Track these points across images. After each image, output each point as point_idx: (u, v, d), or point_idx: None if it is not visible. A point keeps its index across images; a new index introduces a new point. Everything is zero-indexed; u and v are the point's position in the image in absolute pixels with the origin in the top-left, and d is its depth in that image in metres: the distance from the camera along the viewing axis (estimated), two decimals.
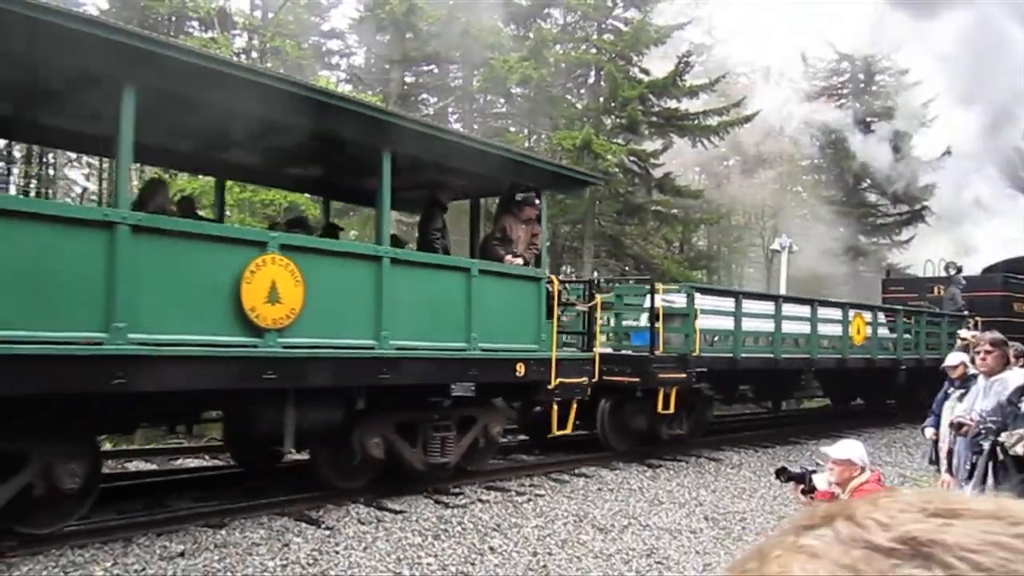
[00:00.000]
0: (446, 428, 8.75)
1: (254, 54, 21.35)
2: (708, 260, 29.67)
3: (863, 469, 5.05)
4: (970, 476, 5.54)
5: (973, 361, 6.51)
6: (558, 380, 9.50)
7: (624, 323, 12.34)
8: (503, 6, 22.57)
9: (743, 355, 12.58)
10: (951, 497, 0.60)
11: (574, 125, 21.86)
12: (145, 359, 6.09)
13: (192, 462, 10.32)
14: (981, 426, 5.46)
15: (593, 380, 10.21)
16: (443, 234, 9.11)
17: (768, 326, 13.26)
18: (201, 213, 9.32)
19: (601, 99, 23.34)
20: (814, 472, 5.07)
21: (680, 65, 22.16)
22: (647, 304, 11.57)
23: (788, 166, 29.43)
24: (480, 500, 8.67)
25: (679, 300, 11.95)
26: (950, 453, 6.31)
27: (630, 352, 11.74)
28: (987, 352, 5.82)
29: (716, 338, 12.62)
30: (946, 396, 7.84)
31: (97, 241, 5.87)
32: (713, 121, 23.49)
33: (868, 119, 30.45)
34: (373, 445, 8.06)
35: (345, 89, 22.72)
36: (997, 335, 5.97)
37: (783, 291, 19.14)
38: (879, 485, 4.98)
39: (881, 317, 16.66)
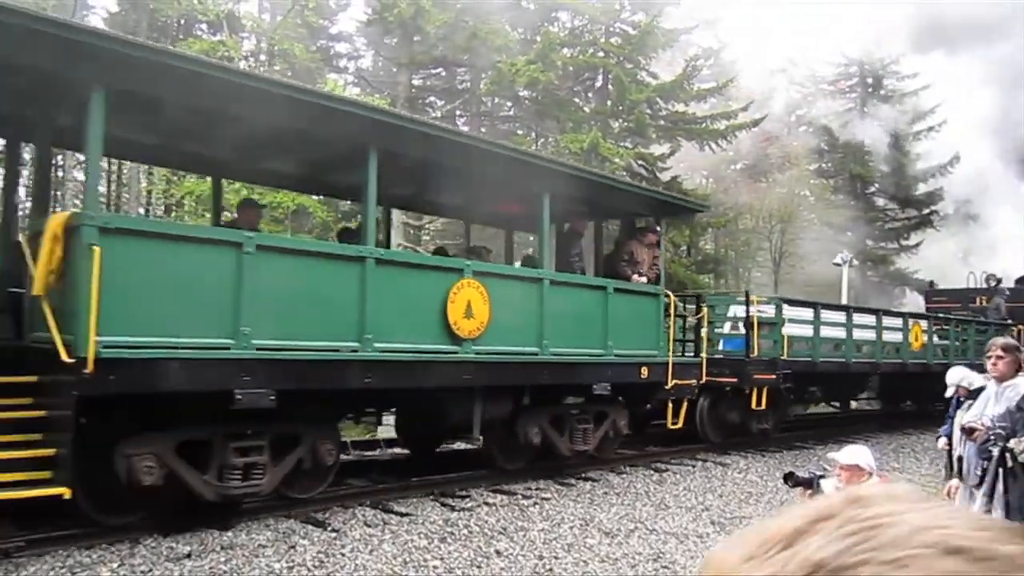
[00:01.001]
0: (586, 421, 10.36)
1: (262, 57, 21.41)
2: (715, 264, 29.61)
3: (870, 475, 5.03)
4: (980, 482, 5.51)
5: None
6: (673, 381, 11.00)
7: (716, 330, 13.89)
8: (511, 9, 22.60)
9: (821, 359, 14.26)
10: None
11: (581, 128, 21.86)
12: (387, 363, 7.82)
13: None
14: (991, 432, 5.43)
15: (700, 381, 11.78)
16: (580, 257, 10.92)
17: (840, 333, 14.98)
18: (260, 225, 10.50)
19: (608, 102, 23.35)
20: (822, 477, 5.05)
21: (688, 69, 22.15)
22: (740, 314, 13.41)
23: (796, 170, 29.36)
24: (486, 503, 8.66)
25: (768, 310, 13.61)
26: (960, 459, 6.27)
27: (721, 356, 13.35)
28: (998, 357, 5.79)
29: (798, 344, 14.31)
30: (959, 403, 7.77)
31: (353, 272, 7.63)
32: (721, 125, 23.46)
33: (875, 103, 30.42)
34: (533, 434, 9.70)
35: (353, 92, 22.77)
36: (1009, 340, 5.94)
37: (844, 301, 21.25)
38: None
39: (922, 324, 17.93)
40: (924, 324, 17.35)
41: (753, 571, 0.58)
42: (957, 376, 7.68)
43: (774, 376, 12.94)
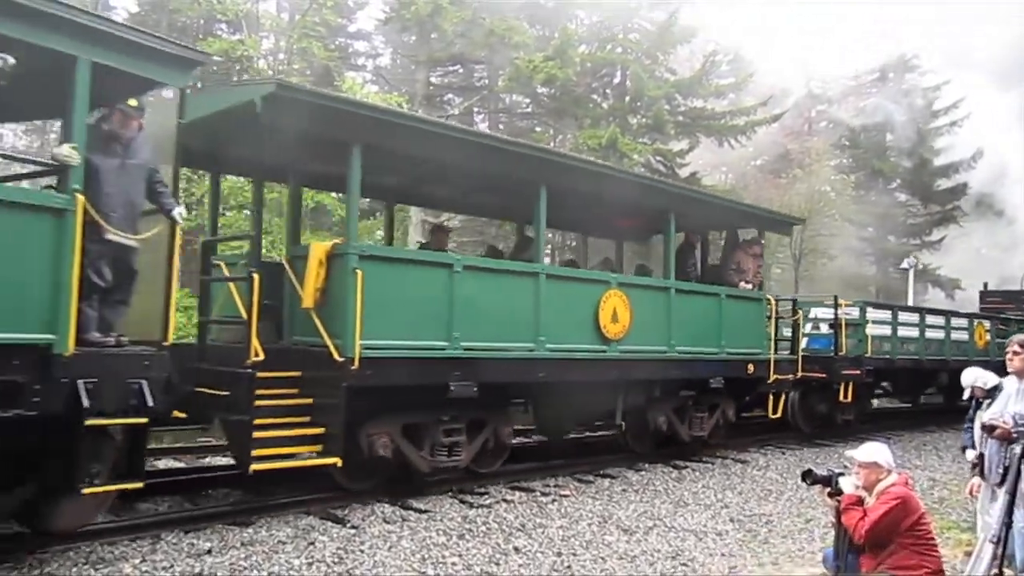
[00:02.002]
0: (701, 411, 11.85)
1: (281, 55, 21.50)
2: None
3: (889, 472, 4.99)
4: (1002, 480, 5.45)
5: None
6: (774, 376, 12.57)
7: (807, 330, 15.17)
8: (528, 7, 22.56)
9: (899, 356, 16.03)
10: None
11: (599, 125, 21.80)
12: (555, 361, 9.40)
13: (221, 460, 10.40)
14: (1014, 429, 5.38)
15: (796, 376, 13.34)
16: (695, 267, 12.51)
17: (913, 333, 16.69)
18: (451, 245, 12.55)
19: (627, 98, 23.27)
20: (841, 475, 5.01)
21: (706, 64, 22.04)
22: (821, 315, 15.33)
23: (817, 166, 29.11)
24: (505, 500, 8.67)
25: (853, 312, 15.34)
26: (981, 456, 6.21)
27: (806, 353, 14.42)
28: (1015, 353, 5.75)
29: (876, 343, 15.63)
30: (978, 405, 7.65)
31: (529, 285, 9.26)
32: (740, 121, 23.32)
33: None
34: (661, 422, 11.19)
35: (371, 90, 22.81)
36: None
37: (910, 303, 23.19)
38: (906, 487, 4.91)
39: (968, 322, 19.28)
40: (987, 324, 19.06)
41: None
42: (971, 377, 7.55)
43: (859, 372, 14.67)
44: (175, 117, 6.54)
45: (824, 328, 15.29)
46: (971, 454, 7.08)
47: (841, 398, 14.46)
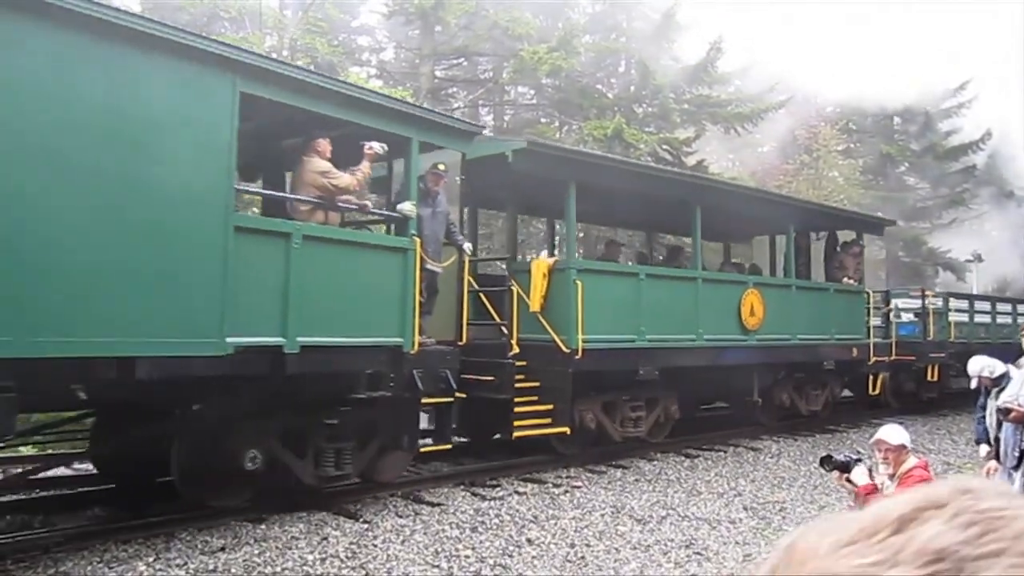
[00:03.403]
0: (815, 389, 14.20)
1: (284, 52, 21.46)
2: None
3: (909, 454, 4.93)
4: (1018, 463, 5.41)
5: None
6: (874, 358, 14.83)
7: (896, 319, 17.04)
8: None
9: (975, 341, 17.59)
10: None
11: (605, 115, 21.71)
12: (710, 349, 11.62)
13: None
14: None
15: (891, 358, 15.49)
16: (806, 265, 14.70)
17: (987, 319, 19.03)
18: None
19: (632, 88, 23.16)
20: (859, 460, 4.95)
21: (711, 52, 21.91)
22: (903, 305, 17.25)
23: (823, 150, 28.91)
24: (517, 492, 8.67)
25: (937, 302, 17.73)
26: (997, 440, 6.16)
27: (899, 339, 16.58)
28: None
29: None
30: (987, 393, 7.57)
31: (689, 288, 11.56)
32: (746, 108, 23.19)
33: None
34: (784, 398, 13.49)
35: (376, 85, 22.76)
36: None
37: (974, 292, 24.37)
38: (926, 471, 4.85)
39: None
40: None
41: (858, 558, 0.54)
42: (978, 366, 7.46)
43: (944, 354, 16.74)
44: (459, 172, 9.04)
45: (906, 316, 17.19)
46: (984, 449, 6.99)
47: (928, 378, 16.55)
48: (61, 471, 9.20)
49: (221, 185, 6.29)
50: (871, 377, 15.12)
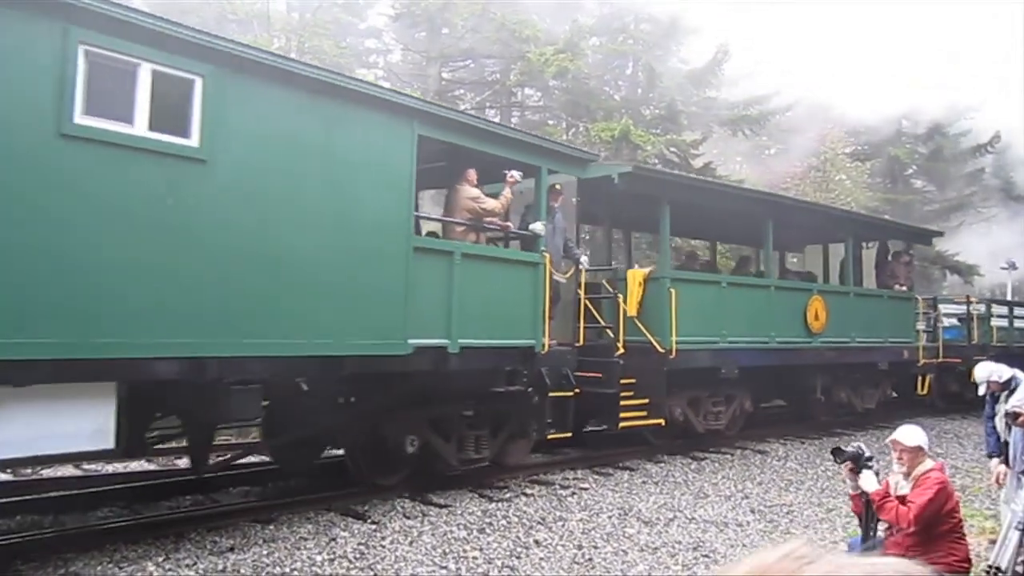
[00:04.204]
0: (870, 387, 15.25)
1: (293, 54, 21.52)
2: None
3: (927, 456, 4.90)
4: None
5: None
6: (923, 360, 16.01)
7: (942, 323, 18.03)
8: None
9: (1014, 344, 18.62)
10: None
11: (612, 117, 21.71)
12: (782, 350, 12.76)
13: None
14: None
15: (938, 360, 16.46)
16: (859, 272, 15.89)
17: None
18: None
19: (639, 90, 23.16)
20: (870, 458, 4.92)
21: (718, 54, 21.90)
22: (955, 311, 18.58)
23: (831, 153, 28.87)
24: (524, 494, 8.68)
25: (980, 308, 18.68)
26: (1005, 444, 6.14)
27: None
28: None
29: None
30: (995, 399, 7.54)
31: (763, 294, 12.85)
32: (753, 111, 23.17)
33: None
34: (843, 396, 14.57)
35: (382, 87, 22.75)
36: None
37: (1009, 297, 25.96)
38: (942, 474, 4.83)
39: None
40: None
41: None
42: (985, 372, 7.43)
43: (986, 357, 16.74)
44: (575, 194, 10.70)
45: (950, 321, 18.30)
46: (995, 463, 6.88)
47: (971, 380, 16.83)
48: (69, 471, 9.24)
49: (404, 213, 7.52)
50: (920, 378, 16.10)
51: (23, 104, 5.19)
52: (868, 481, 4.87)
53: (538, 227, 8.94)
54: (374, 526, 7.21)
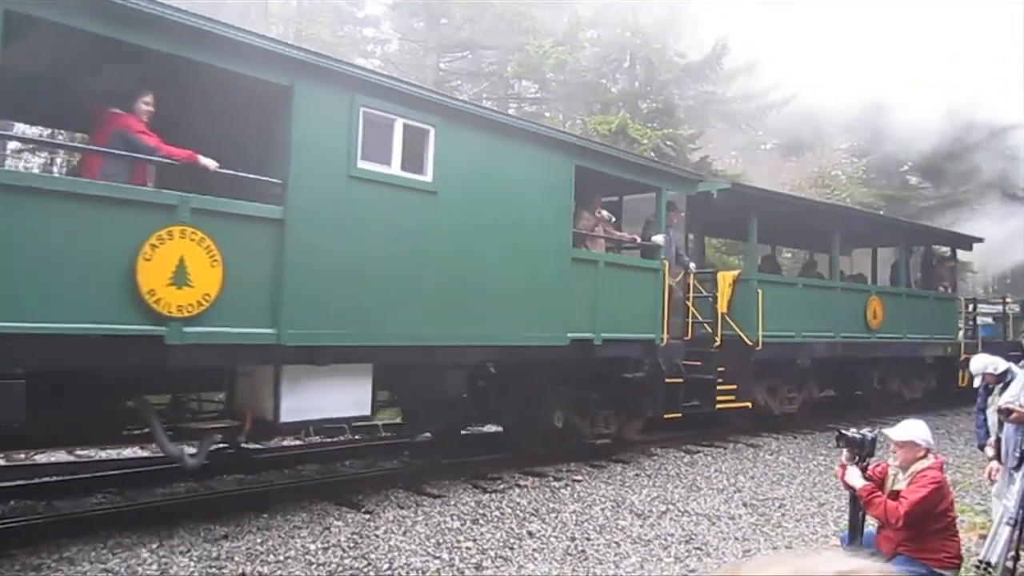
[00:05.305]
0: (917, 379, 16.87)
1: (290, 41, 21.47)
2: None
3: (927, 452, 4.86)
4: (1019, 465, 5.43)
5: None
6: (964, 356, 16.36)
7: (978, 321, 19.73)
8: None
9: None
10: None
11: (609, 110, 21.68)
12: (846, 344, 14.40)
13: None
14: None
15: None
16: (908, 275, 17.11)
17: None
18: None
19: (637, 83, 23.13)
20: (871, 451, 4.90)
21: (716, 48, 21.87)
22: (990, 310, 20.53)
23: (827, 148, 28.94)
24: (518, 485, 8.70)
25: (1015, 308, 20.45)
26: (998, 440, 6.18)
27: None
28: None
29: None
30: (988, 392, 7.59)
31: (830, 295, 14.34)
32: (751, 105, 23.16)
33: None
34: (894, 387, 16.12)
35: None
36: None
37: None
38: (940, 472, 4.81)
39: None
40: None
41: None
42: (981, 364, 7.48)
43: (1020, 353, 18.07)
44: (684, 209, 12.79)
45: (984, 320, 19.73)
46: (989, 451, 6.95)
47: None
48: (62, 456, 9.24)
49: (565, 230, 9.17)
50: (961, 371, 16.94)
51: (331, 155, 6.87)
52: (854, 477, 4.86)
53: (659, 239, 10.56)
54: (368, 516, 7.23)
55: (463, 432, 10.93)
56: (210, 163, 6.31)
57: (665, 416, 11.02)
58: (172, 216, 5.85)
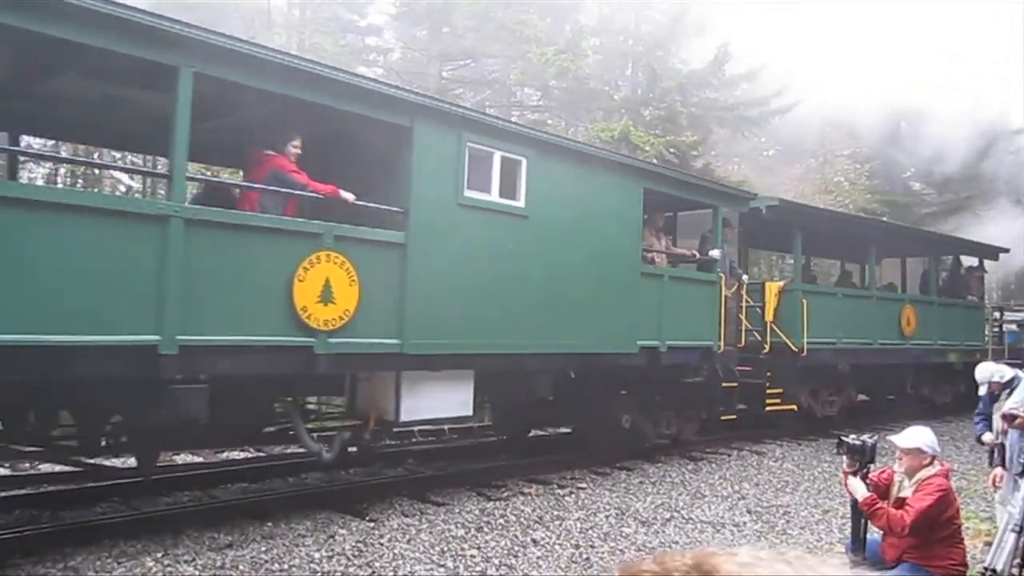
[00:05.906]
0: (946, 384, 17.30)
1: (293, 50, 21.52)
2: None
3: (933, 459, 4.83)
4: (1023, 471, 5.41)
5: None
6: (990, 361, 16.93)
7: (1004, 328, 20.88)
8: None
9: None
10: None
11: (612, 117, 21.71)
12: (881, 351, 15.04)
13: (237, 455, 10.47)
14: None
15: (1004, 362, 18.76)
16: (936, 285, 17.56)
17: None
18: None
19: (639, 90, 23.16)
20: (872, 457, 4.88)
21: (719, 55, 21.90)
22: (1015, 317, 21.34)
23: (829, 154, 28.86)
24: (522, 493, 8.70)
25: None
26: (1002, 446, 6.16)
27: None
28: None
29: None
30: (994, 398, 7.57)
31: (865, 304, 15.13)
32: (753, 112, 23.17)
33: None
34: (925, 392, 16.80)
35: None
36: None
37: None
38: (946, 480, 4.79)
39: None
40: None
41: None
42: (987, 372, 7.46)
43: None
44: (736, 225, 13.03)
45: (1008, 327, 20.73)
46: (988, 436, 7.01)
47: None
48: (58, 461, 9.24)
49: (636, 248, 10.02)
50: None
51: (443, 185, 7.73)
52: (856, 487, 4.84)
53: (716, 253, 11.28)
54: (372, 524, 7.23)
55: (531, 435, 11.85)
56: (349, 196, 7.15)
57: (722, 418, 11.86)
58: (319, 243, 6.75)
